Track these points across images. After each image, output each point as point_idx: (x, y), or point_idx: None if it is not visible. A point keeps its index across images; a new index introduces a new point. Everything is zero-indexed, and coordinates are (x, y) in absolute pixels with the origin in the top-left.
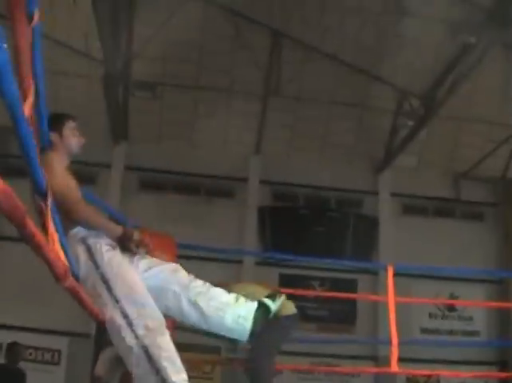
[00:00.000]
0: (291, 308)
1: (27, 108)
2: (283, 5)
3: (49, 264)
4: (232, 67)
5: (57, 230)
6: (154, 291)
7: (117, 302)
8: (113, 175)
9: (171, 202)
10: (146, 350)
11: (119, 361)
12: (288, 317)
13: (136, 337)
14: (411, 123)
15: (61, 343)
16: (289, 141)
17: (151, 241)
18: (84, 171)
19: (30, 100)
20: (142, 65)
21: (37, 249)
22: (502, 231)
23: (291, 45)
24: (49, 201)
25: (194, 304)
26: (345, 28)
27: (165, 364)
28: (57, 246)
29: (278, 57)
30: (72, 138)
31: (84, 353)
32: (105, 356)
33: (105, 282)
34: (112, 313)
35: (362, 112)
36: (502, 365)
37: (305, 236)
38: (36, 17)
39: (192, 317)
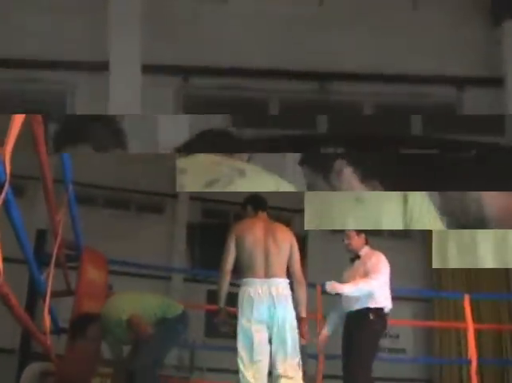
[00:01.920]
0: (178, 308)
1: None
2: None
3: None
4: None
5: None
6: None
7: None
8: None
9: (100, 216)
10: None
11: (42, 376)
12: (174, 318)
13: None
14: None
15: None
16: None
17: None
18: (14, 183)
19: None
20: None
21: None
22: (429, 249)
23: None
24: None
25: None
26: None
27: None
28: None
29: None
30: None
31: (7, 368)
32: (29, 371)
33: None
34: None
35: None
36: None
37: None
38: None
39: None
